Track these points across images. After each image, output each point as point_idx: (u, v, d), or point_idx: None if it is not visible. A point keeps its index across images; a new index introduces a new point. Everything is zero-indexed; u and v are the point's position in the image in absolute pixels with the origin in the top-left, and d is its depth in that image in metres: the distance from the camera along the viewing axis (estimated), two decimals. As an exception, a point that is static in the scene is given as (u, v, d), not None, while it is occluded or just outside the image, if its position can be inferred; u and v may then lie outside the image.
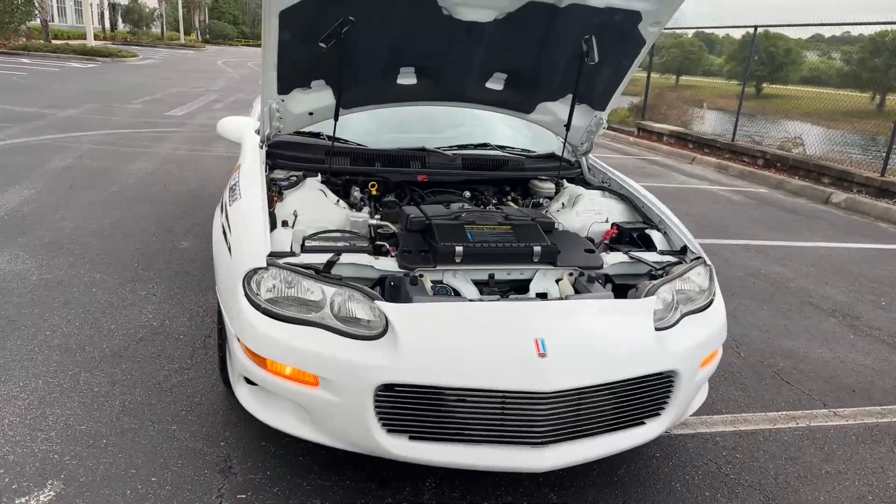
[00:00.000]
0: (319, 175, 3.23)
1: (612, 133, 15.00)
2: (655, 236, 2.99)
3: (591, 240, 3.07)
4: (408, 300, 2.31)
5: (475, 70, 3.18)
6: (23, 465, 2.47)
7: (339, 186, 3.29)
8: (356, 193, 3.25)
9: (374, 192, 3.28)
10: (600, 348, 2.23)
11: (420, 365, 2.09)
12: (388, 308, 2.19)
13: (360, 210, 3.10)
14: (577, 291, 2.56)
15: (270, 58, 2.84)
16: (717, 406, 3.33)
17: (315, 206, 2.93)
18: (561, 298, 2.47)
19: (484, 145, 3.71)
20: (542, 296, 2.57)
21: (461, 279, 2.54)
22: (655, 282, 2.56)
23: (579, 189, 3.46)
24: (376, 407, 2.13)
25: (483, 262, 2.55)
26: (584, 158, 3.77)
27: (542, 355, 2.13)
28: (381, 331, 2.16)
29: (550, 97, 3.41)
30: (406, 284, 2.41)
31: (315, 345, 2.15)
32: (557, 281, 2.62)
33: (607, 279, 2.73)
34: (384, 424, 2.15)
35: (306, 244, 2.62)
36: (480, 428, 2.14)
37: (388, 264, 2.51)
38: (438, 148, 3.54)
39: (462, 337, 2.16)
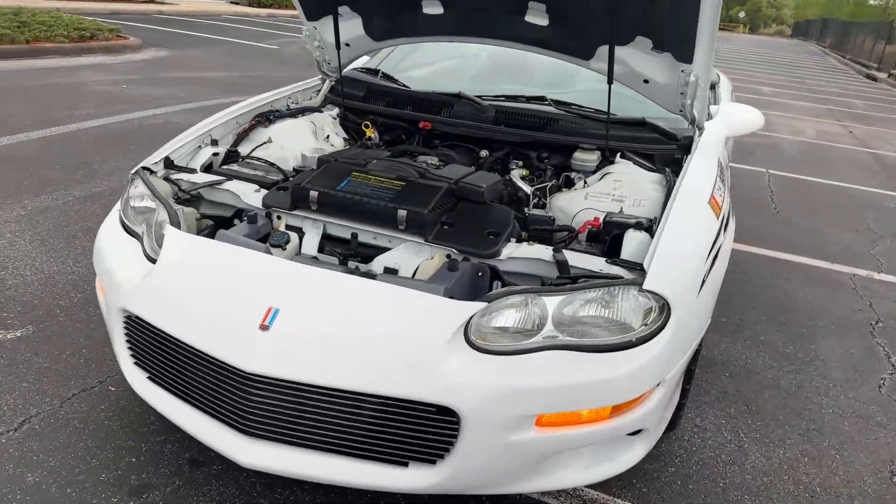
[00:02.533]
0: (336, 110, 3.07)
1: None
2: (634, 240, 2.04)
3: (570, 229, 2.26)
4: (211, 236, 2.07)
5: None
6: (22, 306, 3.02)
7: (359, 125, 3.05)
8: (372, 134, 2.98)
9: (368, 133, 2.97)
10: (348, 345, 1.67)
11: (155, 301, 1.88)
12: (168, 235, 2.00)
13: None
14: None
15: None
16: (735, 521, 2.18)
17: (293, 136, 2.80)
18: (365, 275, 1.89)
19: (540, 99, 2.97)
20: (392, 272, 2.02)
21: (316, 231, 2.16)
22: (516, 288, 1.77)
23: (621, 165, 2.55)
24: (125, 333, 2.00)
25: (344, 216, 2.12)
26: (699, 134, 2.74)
27: (264, 328, 1.70)
28: None
29: (614, 40, 2.54)
30: (246, 221, 2.16)
31: (110, 257, 2.10)
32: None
33: (494, 274, 1.99)
34: (132, 354, 2.01)
35: (220, 167, 2.53)
36: (200, 392, 1.84)
37: (258, 200, 2.27)
38: (481, 96, 2.99)
39: (206, 285, 1.85)
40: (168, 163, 2.44)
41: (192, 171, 2.46)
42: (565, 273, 1.91)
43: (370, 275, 1.87)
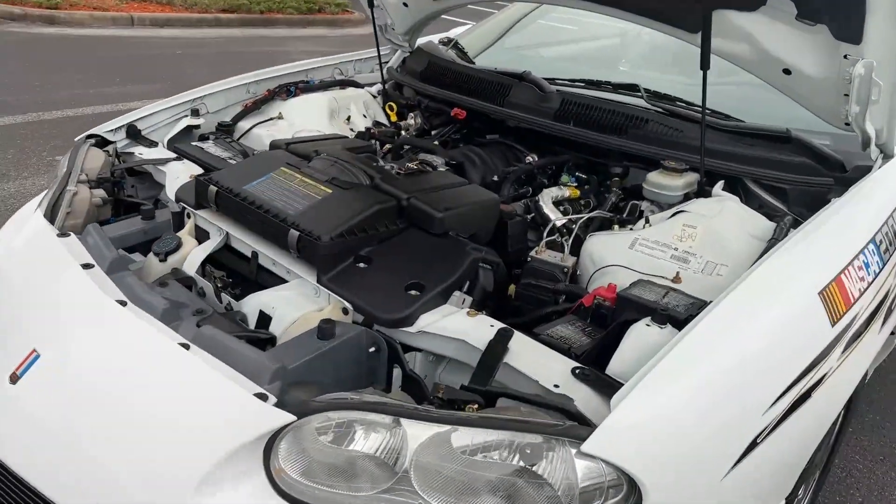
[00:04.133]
0: (376, 87, 2.46)
1: None
2: (639, 341, 1.15)
3: (576, 294, 1.42)
4: None
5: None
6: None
7: (404, 105, 2.40)
8: (411, 121, 2.32)
9: (393, 117, 2.28)
10: (89, 442, 1.09)
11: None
12: (28, 225, 1.58)
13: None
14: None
15: None
16: None
17: (305, 114, 2.25)
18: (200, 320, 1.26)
19: (631, 87, 2.03)
20: (265, 320, 1.37)
21: (217, 240, 1.59)
22: (349, 400, 1.04)
23: (709, 202, 1.59)
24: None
25: (242, 225, 1.52)
26: (882, 164, 1.67)
27: (14, 378, 1.19)
28: None
29: (733, 1, 1.59)
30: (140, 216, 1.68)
31: None
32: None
33: (392, 355, 1.25)
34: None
35: (186, 144, 2.06)
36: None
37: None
38: (554, 79, 2.14)
39: (10, 299, 1.39)
40: (131, 131, 2.04)
41: (154, 144, 2.03)
42: (479, 381, 1.11)
43: (197, 326, 1.24)
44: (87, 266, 1.37)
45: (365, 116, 2.34)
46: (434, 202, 1.47)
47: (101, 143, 2.00)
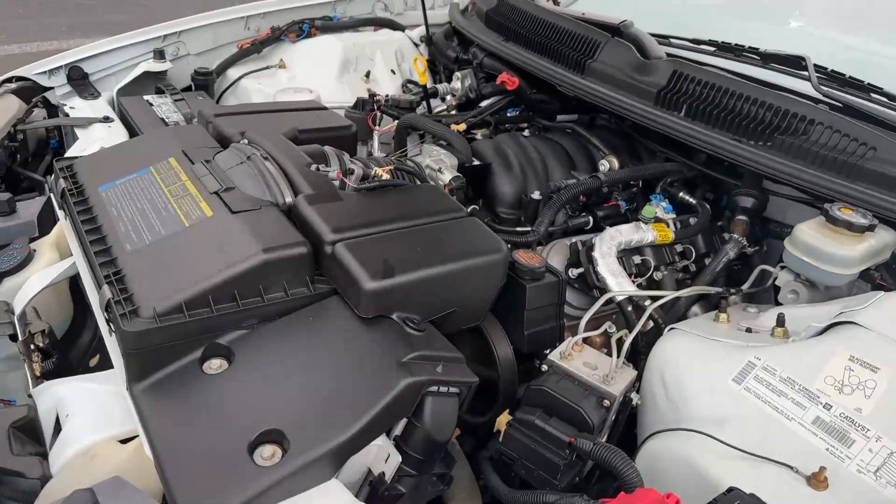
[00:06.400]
0: (418, 31, 1.79)
1: None
2: None
3: (584, 457, 0.75)
4: None
5: None
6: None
7: (453, 60, 1.71)
8: (456, 84, 1.63)
9: (421, 76, 1.58)
10: None
11: None
12: None
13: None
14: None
15: None
16: None
17: (311, 64, 1.66)
18: None
19: (793, 61, 1.18)
20: (55, 429, 0.81)
21: (69, 264, 1.04)
22: None
23: None
24: None
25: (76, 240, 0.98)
26: None
27: None
28: None
29: None
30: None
31: None
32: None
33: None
34: None
35: (132, 98, 1.51)
36: None
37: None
38: (669, 38, 1.35)
39: None
40: (75, 75, 1.54)
41: (97, 94, 1.52)
42: None
43: None
44: None
45: (394, 72, 1.69)
46: (374, 254, 0.82)
47: (36, 89, 1.52)
